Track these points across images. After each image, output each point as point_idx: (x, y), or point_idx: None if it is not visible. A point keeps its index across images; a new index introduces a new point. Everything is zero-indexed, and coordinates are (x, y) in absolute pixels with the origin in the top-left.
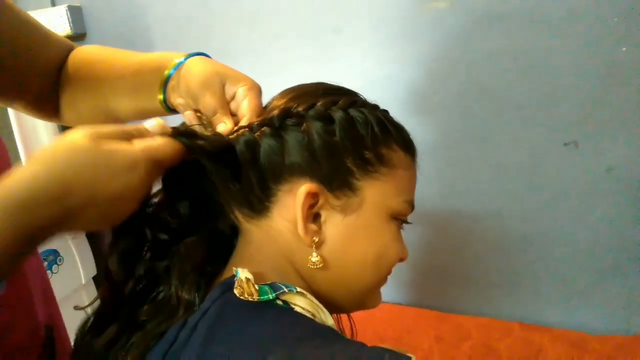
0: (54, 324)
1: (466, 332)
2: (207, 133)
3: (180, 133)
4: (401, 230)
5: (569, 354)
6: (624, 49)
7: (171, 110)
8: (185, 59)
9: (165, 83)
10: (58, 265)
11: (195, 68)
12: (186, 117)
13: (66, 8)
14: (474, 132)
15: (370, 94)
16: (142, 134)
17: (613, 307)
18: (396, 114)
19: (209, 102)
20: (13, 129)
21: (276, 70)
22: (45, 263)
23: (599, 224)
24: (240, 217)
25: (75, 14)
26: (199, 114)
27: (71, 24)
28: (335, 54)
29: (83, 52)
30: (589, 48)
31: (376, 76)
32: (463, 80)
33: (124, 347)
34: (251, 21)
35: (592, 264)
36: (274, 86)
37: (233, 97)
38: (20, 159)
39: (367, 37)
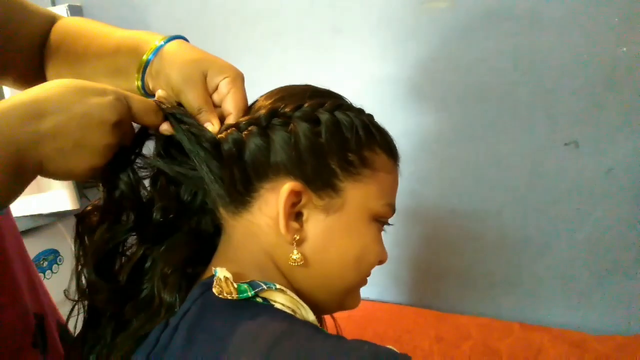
0: (45, 314)
1: (466, 332)
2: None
3: (171, 112)
4: (382, 232)
5: (569, 354)
6: (624, 49)
7: (149, 95)
8: (164, 43)
9: (143, 70)
10: (58, 265)
11: (175, 57)
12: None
13: (66, 8)
14: (474, 132)
15: (370, 94)
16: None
17: (613, 307)
18: (396, 114)
19: (191, 99)
20: None
21: (276, 70)
22: (45, 263)
23: (599, 224)
24: (222, 212)
25: (76, 13)
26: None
27: None
28: (335, 54)
29: (65, 26)
30: (589, 48)
31: (376, 76)
32: (463, 80)
33: (107, 346)
34: (251, 21)
35: (592, 264)
36: (274, 86)
37: (216, 89)
38: None
39: (367, 37)
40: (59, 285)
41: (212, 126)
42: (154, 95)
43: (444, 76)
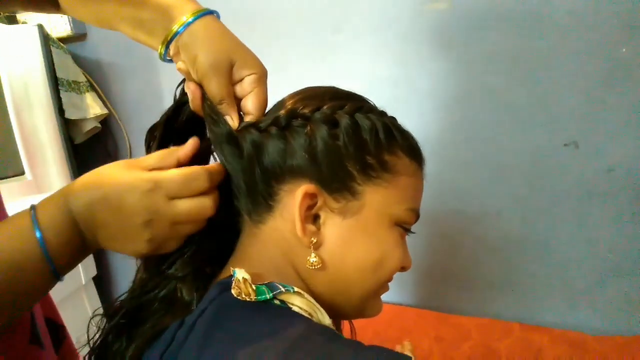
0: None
1: (466, 333)
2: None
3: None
4: (405, 238)
5: (569, 354)
6: (624, 49)
7: (168, 60)
8: (195, 18)
9: (169, 41)
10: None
11: (205, 39)
12: (189, 91)
13: (70, 16)
14: (474, 132)
15: (370, 94)
16: (170, 157)
17: (613, 307)
18: (396, 114)
19: (215, 88)
20: (13, 128)
21: (276, 70)
22: None
23: (599, 224)
24: (245, 216)
25: None
26: (204, 96)
27: (71, 25)
28: (336, 54)
29: None
30: (589, 48)
31: (376, 76)
32: (463, 80)
33: (124, 344)
34: (251, 21)
35: (592, 264)
36: (274, 86)
37: (240, 80)
38: (20, 159)
39: (367, 37)
40: (59, 286)
41: (231, 121)
42: (171, 61)
43: (444, 76)
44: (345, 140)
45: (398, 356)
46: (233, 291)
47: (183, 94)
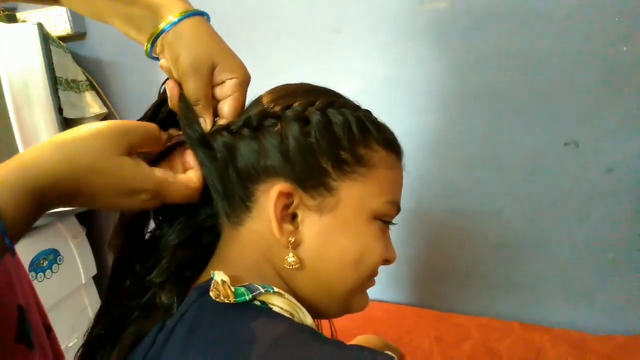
0: (27, 308)
1: (466, 332)
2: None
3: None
4: (388, 231)
5: (569, 354)
6: (624, 49)
7: (154, 58)
8: (181, 18)
9: (155, 38)
10: (58, 265)
11: (190, 39)
12: (168, 89)
13: (67, 8)
14: (474, 132)
15: (370, 94)
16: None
17: (613, 307)
18: (396, 114)
19: (192, 89)
20: (13, 128)
21: (276, 70)
22: (45, 262)
23: (599, 224)
24: (224, 218)
25: (76, 13)
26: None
27: (71, 24)
28: (335, 54)
29: None
30: (589, 48)
31: (376, 76)
32: (463, 80)
33: (107, 351)
34: (251, 21)
35: (592, 263)
36: (274, 86)
37: (221, 83)
38: None
39: (367, 37)
40: (60, 285)
41: (204, 123)
42: (157, 58)
43: (444, 76)
44: (318, 136)
45: (380, 355)
46: (212, 294)
47: (164, 92)
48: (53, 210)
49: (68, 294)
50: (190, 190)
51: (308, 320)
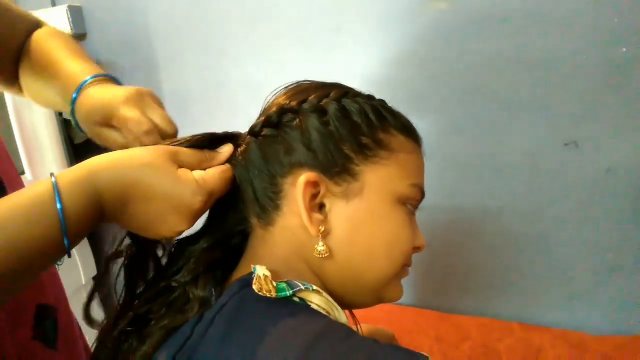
0: (54, 306)
1: (466, 332)
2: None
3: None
4: (414, 217)
5: (569, 354)
6: (624, 49)
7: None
8: (76, 93)
9: (71, 112)
10: (58, 265)
11: (85, 116)
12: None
13: (66, 8)
14: (474, 131)
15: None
16: (211, 161)
17: (613, 307)
18: None
19: (159, 119)
20: (13, 128)
21: (276, 70)
22: None
23: (599, 224)
24: (254, 219)
25: (76, 14)
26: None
27: (71, 24)
28: (335, 54)
29: (37, 39)
30: (589, 48)
31: (376, 76)
32: (463, 80)
33: (133, 345)
34: (251, 21)
35: (592, 264)
36: (274, 86)
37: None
38: (20, 159)
39: (367, 37)
40: None
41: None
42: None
43: (444, 76)
44: (336, 124)
45: (414, 355)
46: (254, 287)
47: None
48: None
49: (68, 294)
50: (227, 172)
51: (343, 318)
